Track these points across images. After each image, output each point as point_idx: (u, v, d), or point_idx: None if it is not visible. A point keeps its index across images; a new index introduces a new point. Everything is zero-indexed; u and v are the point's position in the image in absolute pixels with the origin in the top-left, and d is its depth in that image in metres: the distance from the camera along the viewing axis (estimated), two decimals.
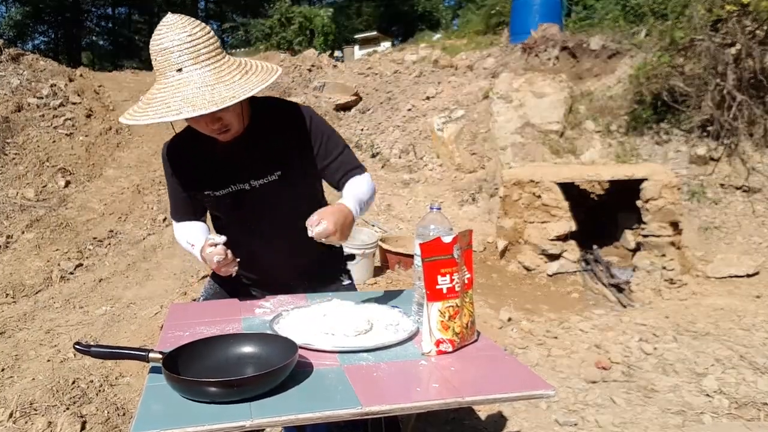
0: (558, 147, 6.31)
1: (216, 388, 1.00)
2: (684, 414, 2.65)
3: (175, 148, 1.63)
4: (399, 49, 10.88)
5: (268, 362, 1.12)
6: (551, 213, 5.00)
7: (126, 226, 5.31)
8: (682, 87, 6.06)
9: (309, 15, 19.32)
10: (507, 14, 9.55)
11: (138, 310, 3.78)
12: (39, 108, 6.77)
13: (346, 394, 1.04)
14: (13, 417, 2.45)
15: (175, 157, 1.62)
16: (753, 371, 3.00)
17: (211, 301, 1.69)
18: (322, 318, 1.38)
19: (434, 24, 27.71)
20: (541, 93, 6.66)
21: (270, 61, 11.11)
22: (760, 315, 3.87)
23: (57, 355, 3.07)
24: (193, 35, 1.31)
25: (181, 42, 1.30)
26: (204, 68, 1.31)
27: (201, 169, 1.59)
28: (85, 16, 32.96)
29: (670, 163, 5.97)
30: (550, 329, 3.82)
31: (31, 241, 4.71)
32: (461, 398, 1.05)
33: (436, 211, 1.34)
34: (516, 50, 7.88)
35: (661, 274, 4.63)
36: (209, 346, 1.19)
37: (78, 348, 1.15)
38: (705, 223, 5.48)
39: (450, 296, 1.24)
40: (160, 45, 1.31)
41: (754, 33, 5.87)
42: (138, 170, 6.43)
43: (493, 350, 1.31)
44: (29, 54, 8.23)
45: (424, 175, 6.55)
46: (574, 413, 2.69)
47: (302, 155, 1.57)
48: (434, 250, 1.22)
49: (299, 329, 1.34)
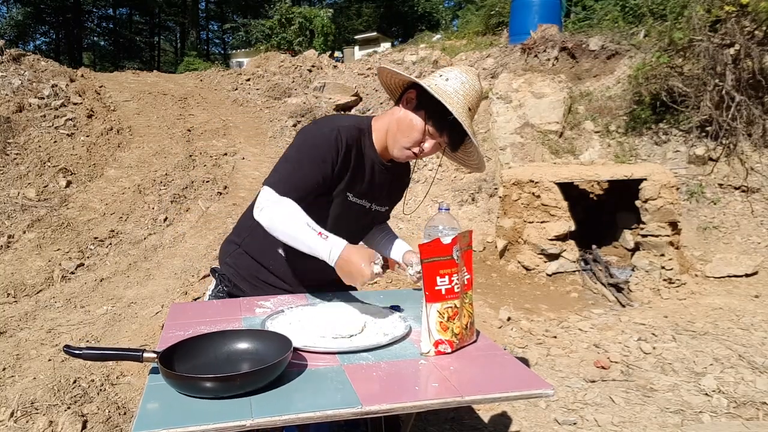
0: (557, 147, 6.32)
1: (210, 383, 1.02)
2: (683, 413, 2.66)
3: (350, 139, 1.55)
4: (399, 49, 10.88)
5: (264, 358, 1.14)
6: (550, 213, 5.01)
7: (127, 226, 5.32)
8: (681, 87, 6.07)
9: (309, 16, 19.35)
10: (506, 15, 9.56)
11: (139, 310, 3.79)
12: (40, 108, 6.79)
13: (346, 393, 1.05)
14: (14, 416, 2.45)
15: (348, 147, 1.53)
16: (751, 370, 3.01)
17: (212, 301, 1.69)
18: (317, 318, 1.40)
19: (434, 25, 27.72)
20: (541, 93, 6.67)
21: (270, 61, 11.13)
22: (758, 314, 3.88)
23: (58, 355, 3.08)
24: (481, 92, 1.54)
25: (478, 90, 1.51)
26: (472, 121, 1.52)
27: (360, 172, 1.60)
28: (86, 16, 32.97)
29: (669, 163, 5.98)
30: (550, 329, 3.83)
31: (33, 240, 4.72)
32: (461, 397, 1.06)
33: (445, 211, 1.34)
34: (515, 51, 7.89)
35: (659, 273, 4.64)
36: (206, 343, 1.21)
37: (68, 351, 1.13)
38: (704, 223, 5.49)
39: (449, 297, 1.25)
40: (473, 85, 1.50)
41: (752, 33, 5.88)
42: (139, 170, 6.45)
43: (493, 349, 1.32)
44: (30, 54, 8.25)
45: (424, 175, 6.56)
46: (573, 412, 2.70)
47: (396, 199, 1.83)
48: (433, 251, 1.23)
49: (294, 329, 1.35)
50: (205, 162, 6.95)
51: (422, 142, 1.51)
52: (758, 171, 5.77)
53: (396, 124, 1.55)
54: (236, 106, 9.35)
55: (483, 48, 8.79)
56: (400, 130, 1.53)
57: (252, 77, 10.41)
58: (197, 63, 22.49)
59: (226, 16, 37.03)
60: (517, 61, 7.65)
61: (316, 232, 1.35)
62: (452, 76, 1.47)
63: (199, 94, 9.63)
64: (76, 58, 27.39)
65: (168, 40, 38.90)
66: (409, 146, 1.52)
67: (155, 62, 33.15)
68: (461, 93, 1.45)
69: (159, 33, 37.53)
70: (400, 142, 1.53)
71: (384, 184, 1.67)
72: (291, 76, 10.16)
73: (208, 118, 8.50)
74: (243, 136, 7.90)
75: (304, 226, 1.36)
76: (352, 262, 1.29)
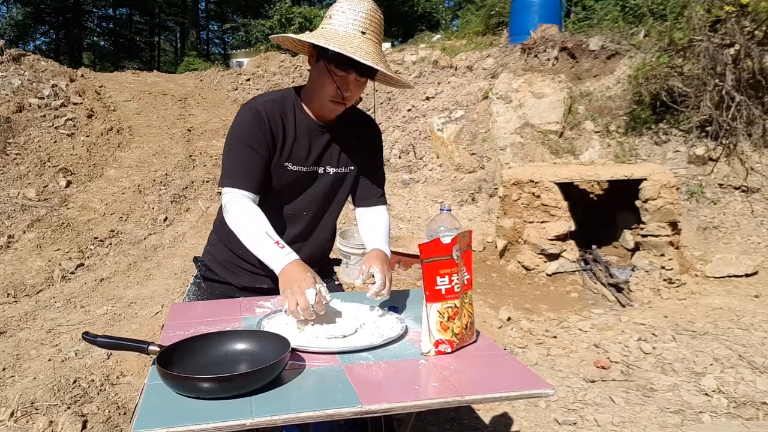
0: (557, 147, 6.32)
1: (207, 383, 1.02)
2: (683, 413, 2.66)
3: (271, 111, 1.54)
4: (399, 49, 10.87)
5: (262, 359, 1.14)
6: (550, 213, 5.01)
7: (127, 226, 5.32)
8: (681, 87, 6.07)
9: (309, 16, 19.36)
10: (506, 15, 9.55)
11: (139, 310, 3.79)
12: (40, 108, 6.79)
13: (346, 392, 1.06)
14: (14, 416, 2.46)
15: (270, 120, 1.53)
16: (751, 370, 3.01)
17: (212, 301, 1.70)
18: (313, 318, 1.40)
19: (434, 25, 27.71)
20: (541, 93, 6.67)
21: (270, 61, 11.13)
22: (758, 314, 3.88)
23: (58, 355, 3.08)
24: (377, 12, 1.50)
25: (369, 11, 1.47)
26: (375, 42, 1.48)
27: (292, 140, 1.58)
28: (86, 16, 32.98)
29: (669, 163, 5.98)
30: (550, 329, 3.83)
31: (33, 240, 4.72)
32: (461, 397, 1.06)
33: (446, 212, 1.34)
34: (515, 51, 7.89)
35: (659, 273, 4.64)
36: (205, 343, 1.21)
37: (86, 338, 1.21)
38: (704, 223, 5.49)
39: (449, 297, 1.25)
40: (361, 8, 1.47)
41: (752, 33, 5.88)
42: (139, 170, 6.45)
43: (493, 349, 1.32)
44: (30, 54, 8.25)
45: (424, 175, 6.57)
46: (573, 412, 2.70)
47: (365, 162, 1.73)
48: (433, 251, 1.23)
49: (290, 328, 1.35)
50: (205, 162, 6.96)
51: (339, 88, 1.50)
52: (758, 171, 5.77)
53: (311, 84, 1.57)
54: (236, 106, 9.35)
55: (483, 48, 8.78)
56: (315, 88, 1.54)
57: (252, 77, 10.41)
58: (197, 63, 22.50)
59: (226, 16, 37.02)
60: (517, 61, 7.65)
61: (273, 240, 1.40)
62: (335, 11, 1.48)
63: (199, 94, 9.63)
64: (76, 58, 27.40)
65: (168, 40, 38.92)
66: (331, 98, 1.52)
67: (155, 62, 33.17)
68: (348, 22, 1.45)
69: (159, 33, 37.54)
70: (321, 100, 1.54)
71: (329, 145, 1.63)
72: (291, 76, 10.16)
73: (208, 118, 8.50)
74: None
75: (263, 234, 1.41)
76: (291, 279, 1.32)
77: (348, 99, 1.53)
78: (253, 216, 1.45)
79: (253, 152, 1.50)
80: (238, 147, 1.51)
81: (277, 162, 1.56)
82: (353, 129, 1.68)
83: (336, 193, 1.70)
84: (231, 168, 1.51)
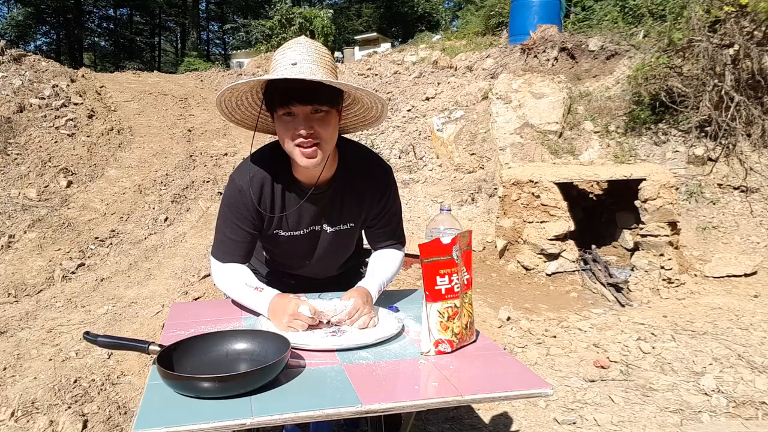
0: (557, 147, 6.33)
1: (207, 383, 1.02)
2: (682, 413, 2.66)
3: (257, 188, 1.50)
4: (399, 50, 10.88)
5: (262, 359, 1.14)
6: (550, 213, 5.02)
7: (127, 226, 5.33)
8: (680, 87, 6.07)
9: (309, 16, 19.36)
10: (506, 15, 9.56)
11: (139, 310, 3.80)
12: (41, 108, 6.79)
13: (346, 392, 1.06)
14: (14, 416, 2.46)
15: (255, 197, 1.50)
16: (751, 370, 3.02)
17: (212, 301, 1.71)
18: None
19: (434, 25, 27.74)
20: (540, 94, 6.68)
21: (270, 61, 11.14)
22: (757, 314, 3.88)
23: (59, 354, 3.09)
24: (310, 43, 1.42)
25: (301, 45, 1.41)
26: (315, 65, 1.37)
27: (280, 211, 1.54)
28: (87, 17, 32.99)
29: (668, 163, 5.99)
30: (549, 328, 3.84)
31: (33, 240, 4.73)
32: (460, 396, 1.07)
33: (446, 212, 1.34)
34: (515, 51, 7.90)
35: (659, 273, 4.64)
36: (204, 343, 1.21)
37: (87, 338, 1.23)
38: (703, 223, 5.50)
39: (449, 297, 1.25)
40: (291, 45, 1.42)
41: (752, 34, 5.89)
42: (139, 170, 6.46)
43: (492, 349, 1.32)
44: (31, 55, 8.26)
45: (424, 176, 6.57)
46: (572, 412, 2.71)
47: (372, 212, 1.64)
48: (433, 250, 1.23)
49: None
50: (206, 162, 6.96)
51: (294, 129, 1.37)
52: (757, 171, 5.78)
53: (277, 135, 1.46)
54: None
55: (483, 48, 8.79)
56: (279, 138, 1.44)
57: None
58: (198, 63, 22.53)
59: (226, 17, 37.04)
60: (516, 62, 7.66)
61: (252, 287, 1.47)
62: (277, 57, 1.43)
63: (199, 95, 9.64)
64: (77, 59, 27.42)
65: (168, 40, 38.93)
66: (295, 143, 1.38)
67: (156, 62, 33.17)
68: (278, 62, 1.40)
69: (159, 33, 37.55)
70: (291, 152, 1.41)
71: (323, 208, 1.57)
72: None
73: (209, 118, 8.51)
74: (243, 137, 7.91)
75: (243, 286, 1.49)
76: (276, 312, 1.39)
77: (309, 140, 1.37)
78: (233, 273, 1.53)
79: (240, 229, 1.53)
80: (225, 222, 1.55)
81: (267, 231, 1.57)
82: (357, 182, 1.57)
83: (342, 243, 1.68)
84: (219, 241, 1.57)
